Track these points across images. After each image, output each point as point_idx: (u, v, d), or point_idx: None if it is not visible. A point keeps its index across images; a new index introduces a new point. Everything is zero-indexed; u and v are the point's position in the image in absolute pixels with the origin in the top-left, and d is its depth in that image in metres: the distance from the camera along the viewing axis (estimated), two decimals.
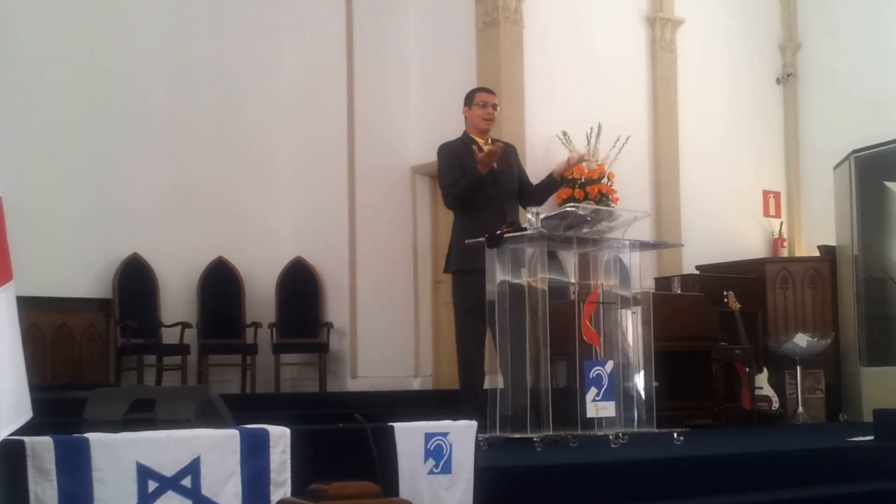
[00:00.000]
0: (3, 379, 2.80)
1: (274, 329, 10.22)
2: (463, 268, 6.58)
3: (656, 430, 6.31)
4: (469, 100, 6.97)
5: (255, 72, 10.62)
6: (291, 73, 10.74)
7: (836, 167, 9.94)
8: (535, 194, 6.95)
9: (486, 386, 6.49)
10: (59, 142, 9.49)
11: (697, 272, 10.22)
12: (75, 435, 3.30)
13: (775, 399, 9.25)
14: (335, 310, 10.45)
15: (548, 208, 6.84)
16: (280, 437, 3.65)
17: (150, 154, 9.97)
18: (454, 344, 8.19)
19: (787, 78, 11.87)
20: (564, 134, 9.73)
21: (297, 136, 10.69)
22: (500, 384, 6.12)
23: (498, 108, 7.00)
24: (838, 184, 9.90)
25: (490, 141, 6.87)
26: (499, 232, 6.08)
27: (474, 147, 6.69)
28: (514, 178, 6.86)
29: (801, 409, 9.38)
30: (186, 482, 3.40)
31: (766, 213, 11.64)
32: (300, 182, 10.66)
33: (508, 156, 6.92)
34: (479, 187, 6.64)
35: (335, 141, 10.48)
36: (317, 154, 10.62)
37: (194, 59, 10.33)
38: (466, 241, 6.58)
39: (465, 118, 6.97)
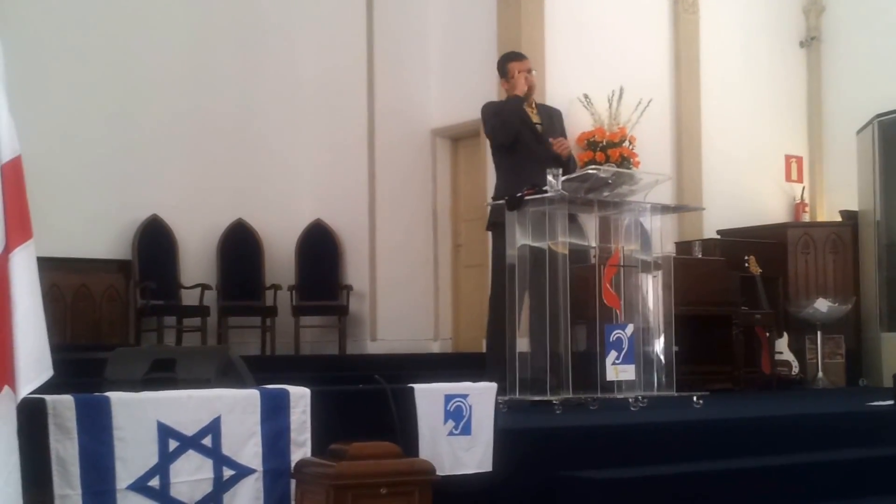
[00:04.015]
0: (23, 337, 2.80)
1: (293, 291, 10.23)
2: (498, 220, 6.53)
3: (676, 394, 6.31)
4: (504, 72, 7.00)
5: (274, 34, 10.57)
6: (311, 36, 10.67)
7: (859, 131, 9.85)
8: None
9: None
10: (80, 102, 9.49)
11: (718, 237, 10.16)
12: (96, 394, 3.32)
13: (795, 364, 9.22)
14: (355, 272, 10.46)
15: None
16: (300, 397, 3.66)
17: (170, 115, 9.96)
18: (474, 306, 8.20)
19: (810, 41, 11.73)
20: (586, 97, 9.66)
21: (316, 98, 10.65)
22: (519, 347, 6.11)
23: (534, 71, 7.01)
24: (861, 148, 9.82)
25: (534, 104, 6.92)
26: (519, 194, 6.06)
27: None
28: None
29: (820, 374, 9.35)
30: (207, 441, 3.42)
31: (788, 178, 11.55)
32: (320, 144, 10.64)
33: (553, 119, 6.94)
34: (521, 141, 6.69)
35: (355, 103, 10.44)
36: (337, 116, 10.58)
37: (214, 21, 10.28)
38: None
39: (506, 91, 6.99)
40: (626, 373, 6.10)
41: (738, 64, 11.17)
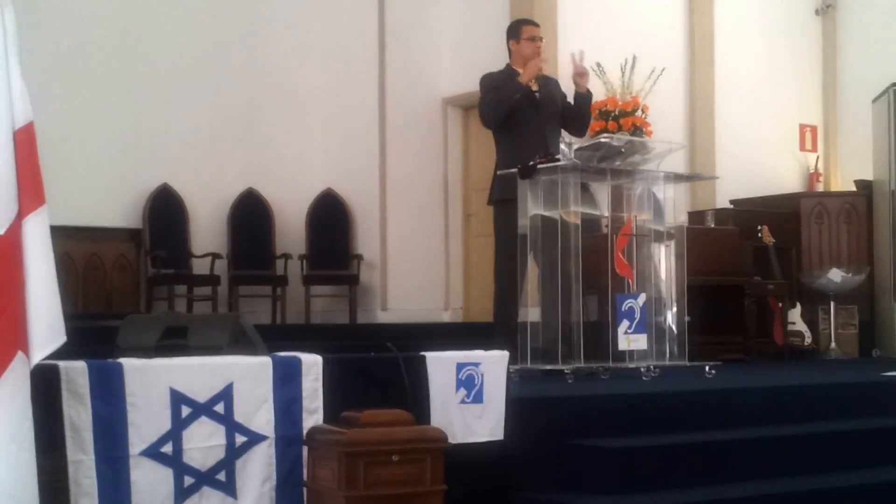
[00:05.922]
0: (36, 302, 2.79)
1: (304, 261, 10.22)
2: (504, 197, 6.52)
3: (688, 364, 6.31)
4: (516, 33, 6.97)
5: (284, 4, 10.50)
6: (321, 3, 10.61)
7: (874, 100, 9.78)
8: (573, 115, 6.90)
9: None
10: (92, 71, 9.45)
11: (731, 206, 10.13)
12: (109, 360, 3.32)
13: (808, 334, 9.20)
14: (365, 242, 10.44)
15: (581, 139, 6.80)
16: (312, 364, 3.66)
17: (182, 84, 9.92)
18: (485, 276, 8.19)
19: (826, 9, 11.63)
20: (598, 65, 9.57)
21: (327, 66, 10.60)
22: (531, 317, 6.11)
23: (543, 41, 7.00)
24: (876, 117, 9.75)
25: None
26: (532, 163, 6.04)
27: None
28: (556, 109, 6.84)
29: (833, 344, 9.32)
30: (219, 408, 3.43)
31: (803, 147, 11.48)
32: (330, 113, 10.59)
33: (550, 87, 6.90)
34: (518, 110, 6.62)
35: (366, 72, 10.40)
36: (347, 85, 10.54)
37: None
38: (498, 173, 6.55)
39: (511, 51, 6.96)
40: (638, 342, 6.11)
41: (752, 32, 11.07)
